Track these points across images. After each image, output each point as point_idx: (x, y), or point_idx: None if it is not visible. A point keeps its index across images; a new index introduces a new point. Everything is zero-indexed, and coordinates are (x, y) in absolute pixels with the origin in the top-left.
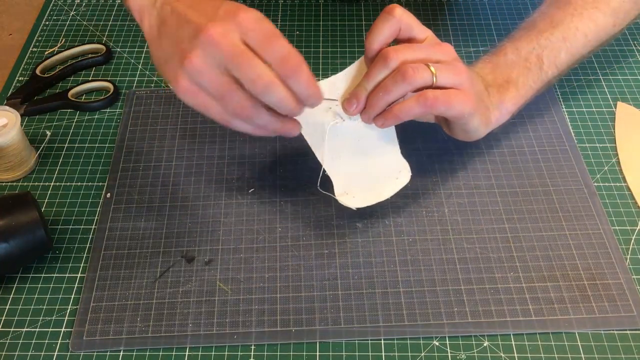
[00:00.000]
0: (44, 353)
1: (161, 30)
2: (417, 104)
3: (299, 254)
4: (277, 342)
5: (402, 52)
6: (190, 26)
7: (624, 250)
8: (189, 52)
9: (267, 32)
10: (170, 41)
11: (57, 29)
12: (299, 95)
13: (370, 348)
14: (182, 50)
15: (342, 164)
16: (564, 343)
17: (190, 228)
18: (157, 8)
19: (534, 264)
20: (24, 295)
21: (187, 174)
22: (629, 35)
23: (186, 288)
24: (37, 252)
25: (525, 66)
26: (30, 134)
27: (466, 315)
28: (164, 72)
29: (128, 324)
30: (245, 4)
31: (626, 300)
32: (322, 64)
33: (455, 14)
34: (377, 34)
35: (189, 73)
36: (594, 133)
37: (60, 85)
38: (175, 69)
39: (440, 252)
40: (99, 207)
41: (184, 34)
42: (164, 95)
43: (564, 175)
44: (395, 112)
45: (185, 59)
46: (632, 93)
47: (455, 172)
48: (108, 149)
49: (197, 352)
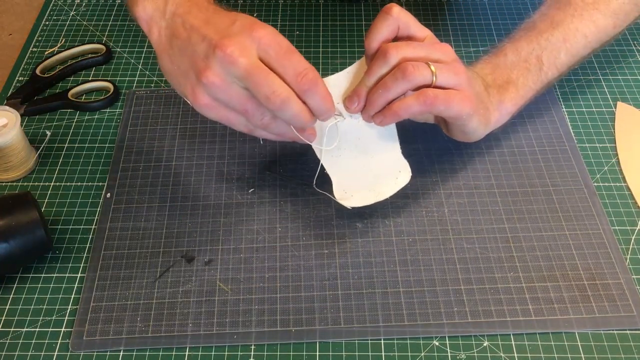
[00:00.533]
0: (44, 353)
1: (173, 43)
2: (417, 102)
3: (299, 254)
4: (277, 342)
5: (402, 48)
6: (206, 41)
7: (624, 250)
8: (206, 69)
9: (283, 47)
10: (185, 56)
11: (57, 29)
12: (314, 109)
13: (370, 348)
14: (199, 66)
15: (342, 163)
16: (564, 343)
17: (190, 228)
18: (166, 19)
19: (533, 264)
20: (24, 295)
21: (187, 174)
22: (629, 35)
23: (186, 288)
24: (37, 252)
25: (525, 67)
26: (30, 134)
27: (466, 315)
28: (179, 85)
29: (128, 324)
30: (245, 5)
31: (626, 300)
32: (322, 64)
33: (455, 14)
34: (376, 33)
35: (207, 89)
36: (594, 133)
37: (60, 85)
38: (192, 85)
39: (440, 252)
40: (99, 207)
41: (199, 49)
42: (164, 95)
43: (564, 175)
44: (395, 109)
45: (202, 75)
46: (632, 93)
47: (455, 172)
48: (108, 149)
49: (197, 352)
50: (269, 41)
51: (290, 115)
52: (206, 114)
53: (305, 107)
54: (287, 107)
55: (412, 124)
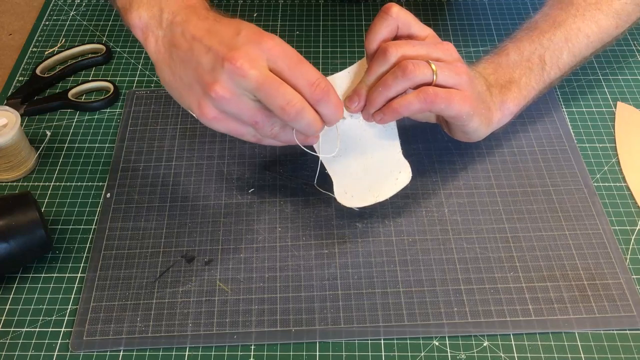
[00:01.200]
0: (44, 353)
1: (173, 54)
2: (417, 99)
3: (299, 254)
4: (277, 342)
5: (402, 46)
6: (211, 53)
7: (624, 250)
8: (214, 82)
9: (293, 57)
10: (188, 68)
11: (57, 29)
12: (326, 117)
13: (370, 348)
14: (205, 80)
15: (342, 162)
16: (564, 343)
17: (190, 228)
18: (164, 28)
19: (533, 264)
20: (24, 295)
21: (187, 174)
22: (629, 36)
23: (186, 288)
24: (37, 252)
25: (527, 66)
26: (30, 134)
27: (466, 315)
28: (181, 97)
29: (128, 324)
30: (245, 4)
31: (626, 300)
32: (322, 64)
33: (455, 14)
34: (375, 33)
35: (216, 102)
36: (594, 133)
37: (60, 85)
38: (198, 98)
39: (440, 252)
40: (99, 207)
41: (205, 61)
42: (164, 95)
43: (564, 175)
44: (394, 106)
45: (210, 89)
46: (632, 93)
47: (455, 172)
48: (108, 149)
49: (197, 352)
50: (278, 52)
51: (303, 125)
52: (213, 127)
53: (318, 116)
54: (302, 117)
55: (412, 123)
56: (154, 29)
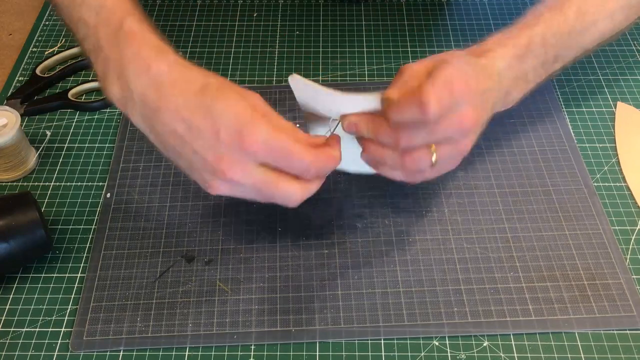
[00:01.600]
0: (44, 353)
1: (162, 142)
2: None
3: (299, 254)
4: (277, 342)
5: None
6: (200, 158)
7: (624, 250)
8: (213, 183)
9: (279, 151)
10: (181, 159)
11: (57, 29)
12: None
13: (370, 348)
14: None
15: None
16: (564, 343)
17: (190, 228)
18: (137, 102)
19: (533, 264)
20: (24, 295)
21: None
22: (629, 35)
23: (186, 288)
24: (37, 252)
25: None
26: (30, 134)
27: (466, 315)
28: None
29: (128, 324)
30: (245, 4)
31: (626, 300)
32: (322, 64)
33: (455, 14)
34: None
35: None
36: (594, 133)
37: (60, 85)
38: (204, 179)
39: (440, 252)
40: (99, 207)
41: (195, 159)
42: None
43: (564, 175)
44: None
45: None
46: (632, 93)
47: (455, 172)
48: (108, 149)
49: (197, 352)
50: (263, 151)
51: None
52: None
53: (318, 181)
54: (303, 199)
55: None
56: (130, 107)
